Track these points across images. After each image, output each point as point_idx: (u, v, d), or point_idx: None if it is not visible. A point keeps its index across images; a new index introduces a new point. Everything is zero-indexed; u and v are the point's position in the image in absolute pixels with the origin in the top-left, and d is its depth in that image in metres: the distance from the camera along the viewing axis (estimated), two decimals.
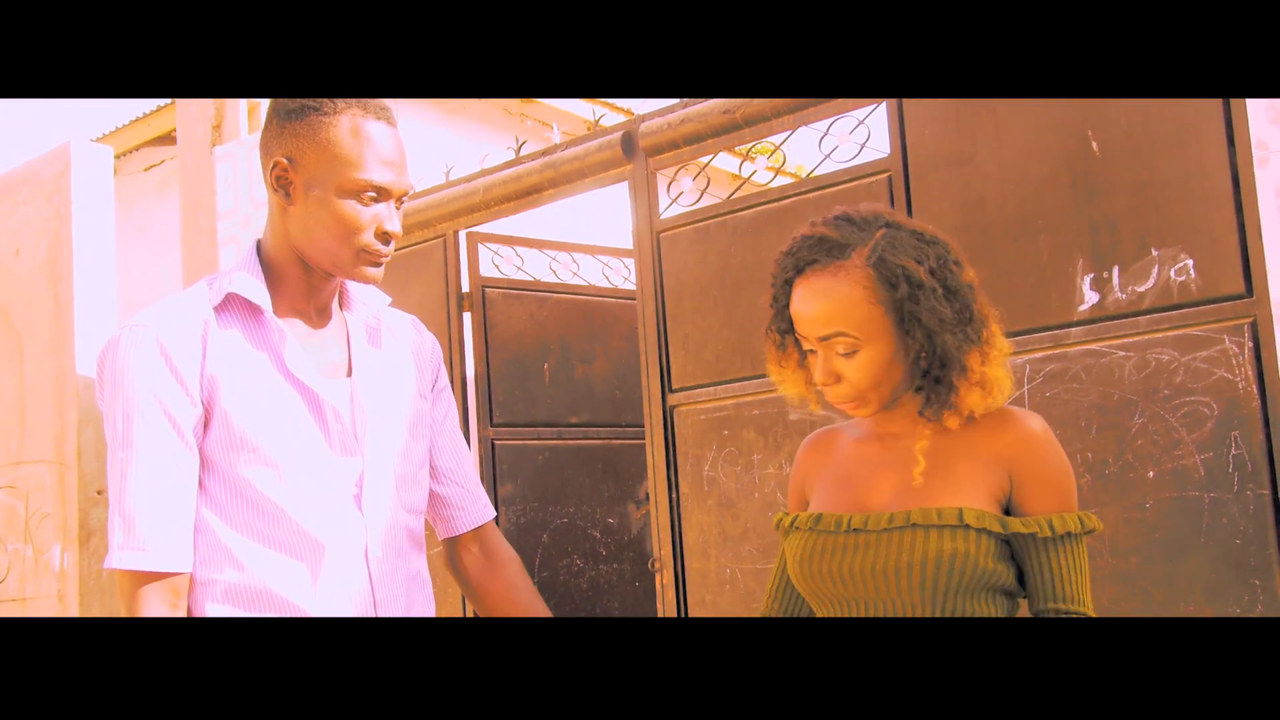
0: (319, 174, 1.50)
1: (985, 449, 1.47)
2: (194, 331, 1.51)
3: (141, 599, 1.46)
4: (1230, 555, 2.37)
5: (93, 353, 4.75)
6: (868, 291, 1.42)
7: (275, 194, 1.54)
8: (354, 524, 1.55)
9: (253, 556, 1.49)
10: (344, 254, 1.53)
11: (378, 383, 1.63)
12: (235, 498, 1.50)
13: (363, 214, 1.51)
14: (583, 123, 6.55)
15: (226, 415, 1.49)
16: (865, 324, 1.42)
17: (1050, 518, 1.42)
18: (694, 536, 3.32)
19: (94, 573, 4.65)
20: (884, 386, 1.46)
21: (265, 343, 1.55)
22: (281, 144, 1.53)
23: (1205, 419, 2.41)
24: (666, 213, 3.50)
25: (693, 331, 3.37)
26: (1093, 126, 2.59)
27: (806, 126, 3.17)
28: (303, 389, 1.54)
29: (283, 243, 1.57)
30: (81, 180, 4.79)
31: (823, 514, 1.54)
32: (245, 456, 1.50)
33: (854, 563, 1.46)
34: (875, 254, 1.43)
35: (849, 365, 1.44)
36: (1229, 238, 2.40)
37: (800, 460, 1.68)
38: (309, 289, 1.60)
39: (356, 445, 1.57)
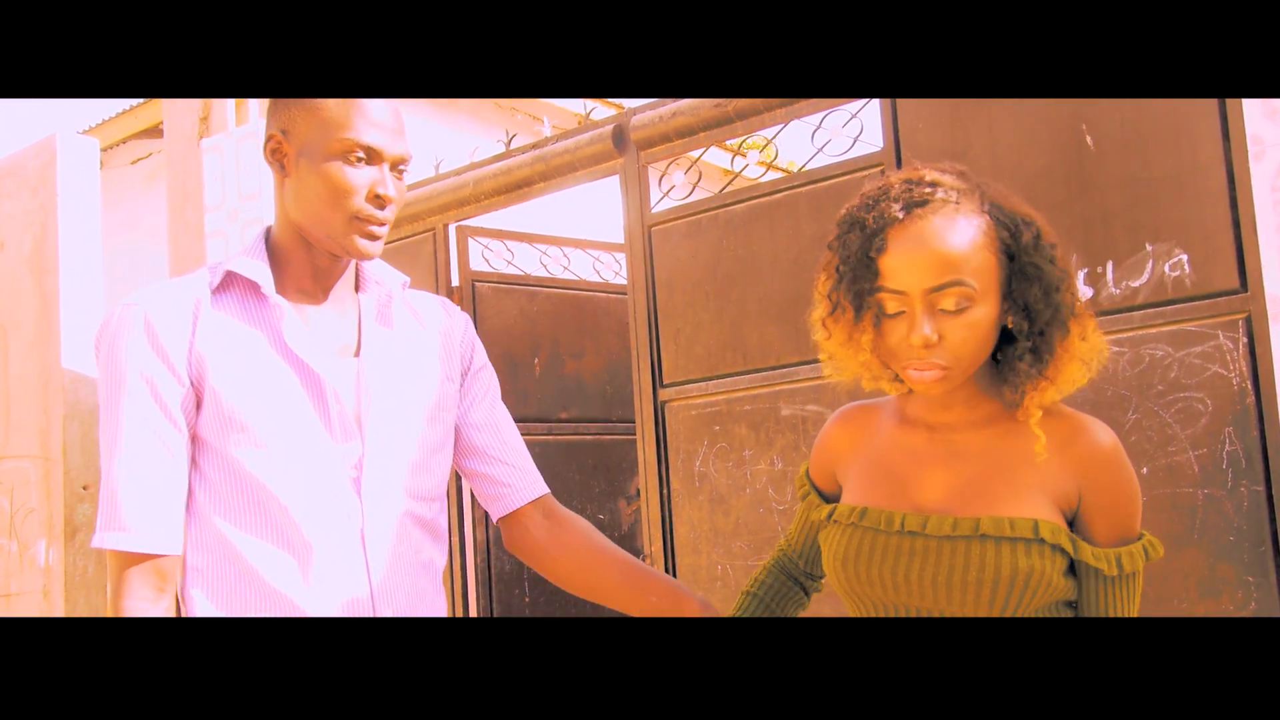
0: (309, 140, 1.47)
1: (1055, 456, 1.33)
2: (184, 309, 1.48)
3: (125, 581, 1.43)
4: (1224, 551, 2.36)
5: (79, 347, 4.72)
6: (988, 239, 1.27)
7: (273, 169, 1.52)
8: (350, 509, 1.50)
9: (242, 541, 1.46)
10: (336, 221, 1.48)
11: (388, 363, 1.58)
12: (227, 479, 1.47)
13: (352, 176, 1.46)
14: (573, 116, 6.53)
15: (216, 394, 1.45)
16: (984, 274, 1.27)
17: (1119, 553, 1.31)
18: (685, 532, 3.31)
19: (79, 568, 4.62)
20: (977, 360, 1.30)
21: (263, 321, 1.51)
22: (277, 118, 1.51)
23: (1199, 415, 2.40)
24: (658, 206, 3.48)
25: (684, 326, 3.35)
26: (1087, 121, 2.58)
27: (799, 120, 3.15)
28: (301, 368, 1.50)
29: (285, 222, 1.54)
30: (67, 173, 4.75)
31: (868, 509, 1.40)
32: (236, 437, 1.46)
33: (910, 570, 1.34)
34: (987, 199, 1.30)
35: (955, 324, 1.27)
36: (1223, 233, 2.38)
37: (832, 434, 1.53)
38: (314, 269, 1.55)
39: (357, 428, 1.52)
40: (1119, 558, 1.31)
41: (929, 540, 1.34)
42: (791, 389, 3.09)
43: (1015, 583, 1.29)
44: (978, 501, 1.34)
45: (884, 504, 1.40)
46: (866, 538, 1.39)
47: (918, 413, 1.44)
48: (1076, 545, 1.32)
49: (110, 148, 7.16)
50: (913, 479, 1.40)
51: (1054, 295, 1.30)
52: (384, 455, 1.54)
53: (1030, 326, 1.31)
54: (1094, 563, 1.31)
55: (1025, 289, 1.29)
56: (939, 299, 1.27)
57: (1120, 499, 1.33)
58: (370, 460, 1.52)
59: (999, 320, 1.31)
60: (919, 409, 1.44)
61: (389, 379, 1.57)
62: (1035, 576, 1.29)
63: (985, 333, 1.29)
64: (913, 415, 1.44)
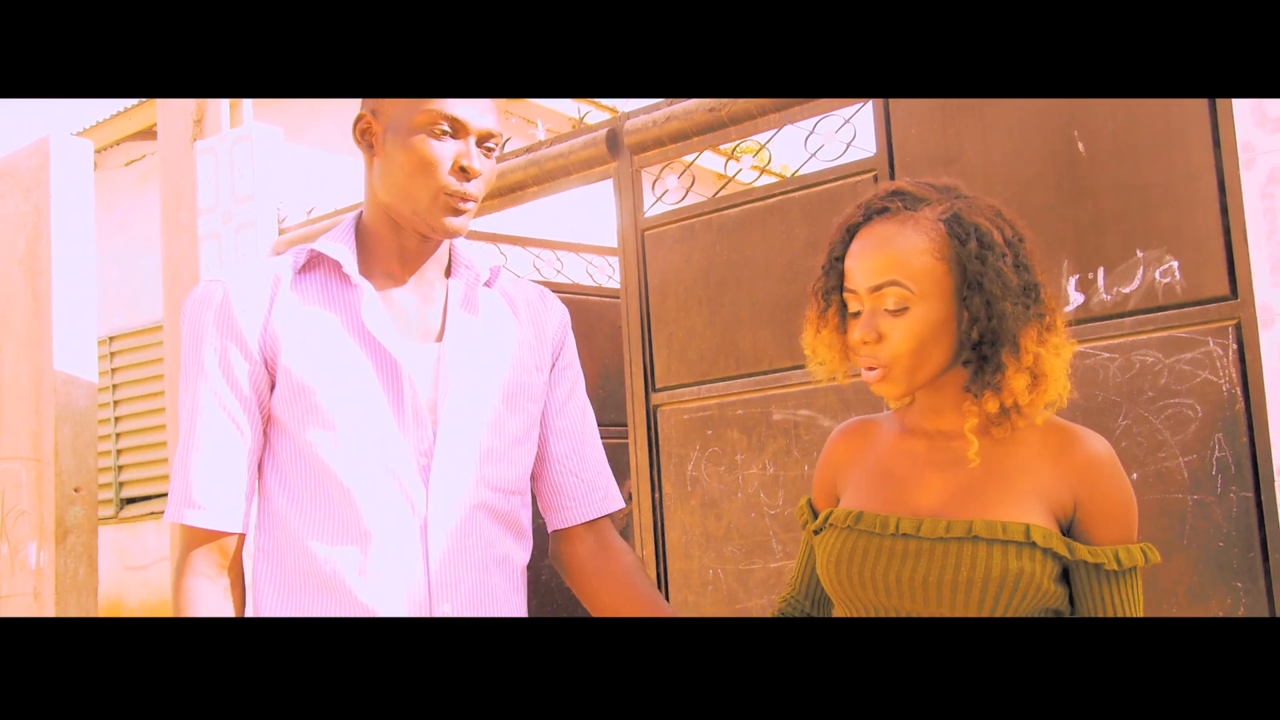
0: (395, 116, 1.47)
1: (1049, 466, 1.36)
2: (263, 287, 1.47)
3: (189, 558, 1.44)
4: (1214, 558, 2.36)
5: (71, 349, 4.71)
6: (934, 245, 1.33)
7: (362, 150, 1.52)
8: (415, 498, 1.46)
9: (304, 525, 1.44)
10: (422, 196, 1.46)
11: (471, 350, 1.54)
12: (296, 461, 1.46)
13: (437, 149, 1.45)
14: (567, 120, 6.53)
15: (288, 373, 1.44)
16: (923, 277, 1.32)
17: (1116, 550, 1.33)
18: (676, 536, 3.31)
19: (70, 570, 4.61)
20: (923, 362, 1.35)
21: (343, 303, 1.49)
22: (366, 100, 1.52)
23: (1189, 421, 2.41)
24: (651, 211, 3.48)
25: (677, 331, 3.35)
26: (1079, 127, 2.59)
27: (792, 125, 3.16)
28: (377, 351, 1.47)
29: (374, 204, 1.53)
30: (61, 175, 4.75)
31: (863, 512, 1.42)
32: (306, 417, 1.44)
33: (902, 572, 1.35)
34: (950, 210, 1.35)
35: (895, 324, 1.34)
36: (1214, 240, 2.39)
37: (831, 450, 1.56)
38: (402, 251, 1.53)
39: (431, 415, 1.48)
40: (1116, 553, 1.33)
41: (922, 542, 1.35)
42: (784, 393, 3.09)
43: (1005, 584, 1.30)
44: (972, 506, 1.36)
45: (880, 508, 1.42)
46: (861, 540, 1.40)
47: (915, 421, 1.47)
48: (1072, 548, 1.34)
49: (104, 149, 7.15)
50: (909, 484, 1.42)
51: (996, 305, 1.32)
52: (458, 444, 1.49)
53: (979, 335, 1.34)
54: (1092, 559, 1.32)
55: (971, 297, 1.33)
56: (880, 298, 1.34)
57: (1116, 507, 1.35)
58: (442, 448, 1.48)
59: (954, 325, 1.35)
60: (916, 417, 1.47)
61: (470, 366, 1.53)
62: (1025, 579, 1.31)
63: (928, 335, 1.34)
64: (911, 424, 1.47)
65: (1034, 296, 1.35)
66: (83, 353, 4.77)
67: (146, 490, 7.21)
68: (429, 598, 1.45)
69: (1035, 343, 1.34)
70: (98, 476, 4.93)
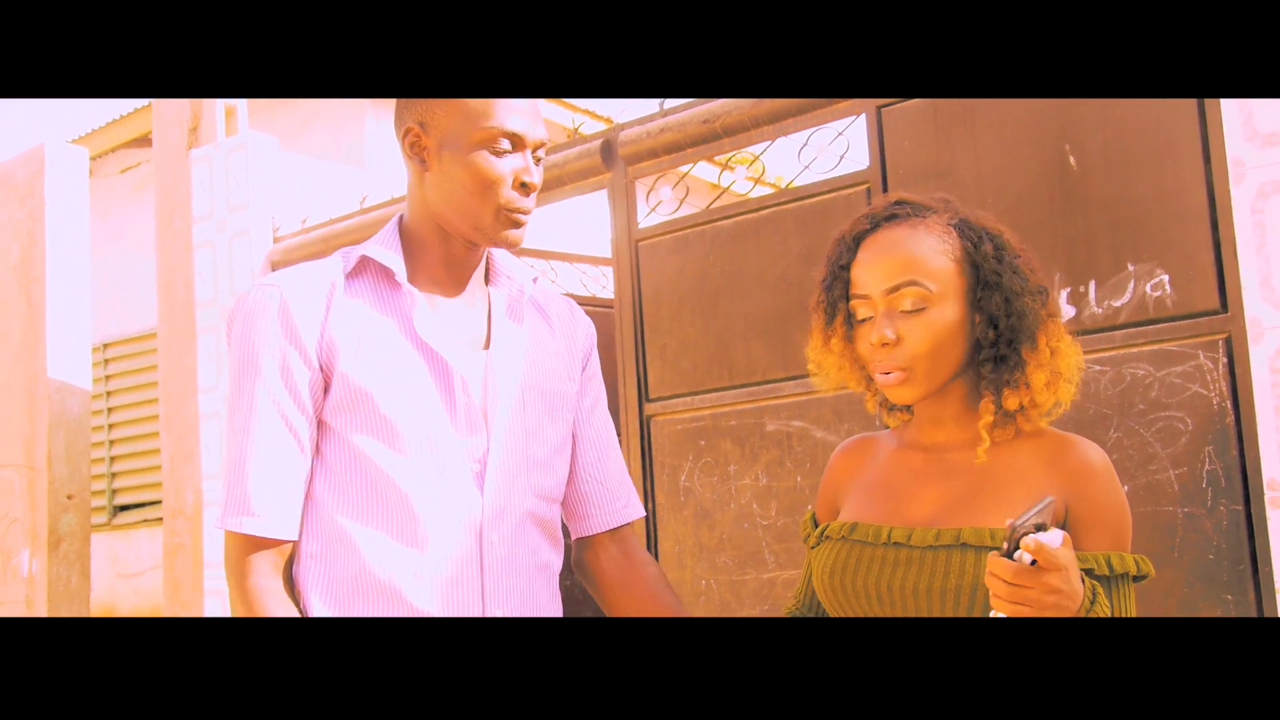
0: (450, 131, 1.46)
1: (1043, 472, 1.37)
2: (319, 292, 1.46)
3: (250, 564, 1.42)
4: (1203, 570, 2.37)
5: (65, 356, 4.71)
6: (948, 247, 1.36)
7: (411, 163, 1.51)
8: (470, 503, 1.46)
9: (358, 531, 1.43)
10: (484, 213, 1.47)
11: (517, 358, 1.56)
12: (349, 467, 1.45)
13: (498, 165, 1.46)
14: (562, 130, 6.54)
15: (345, 378, 1.44)
16: (942, 278, 1.35)
17: (1109, 556, 1.33)
18: (670, 547, 3.31)
19: (63, 578, 4.60)
20: (941, 363, 1.36)
21: (395, 309, 1.49)
22: (412, 111, 1.50)
23: (1180, 434, 2.42)
24: (645, 221, 3.49)
25: (670, 341, 3.36)
26: (1070, 141, 2.60)
27: (785, 137, 3.17)
28: (431, 357, 1.48)
29: (422, 212, 1.52)
30: (56, 182, 4.75)
31: (858, 523, 1.44)
32: (361, 423, 1.44)
33: (893, 580, 1.36)
34: (958, 216, 1.39)
35: (912, 325, 1.34)
36: (1204, 254, 2.41)
37: (832, 467, 1.58)
38: (448, 259, 1.54)
39: (483, 420, 1.49)
40: (1109, 559, 1.33)
41: (912, 550, 1.36)
42: (777, 404, 3.10)
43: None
44: (963, 514, 1.37)
45: (875, 520, 1.43)
46: (854, 550, 1.42)
47: (914, 436, 1.48)
48: None
49: (99, 156, 7.16)
50: (905, 496, 1.44)
51: (1016, 302, 1.35)
52: (509, 450, 1.51)
53: (995, 335, 1.36)
54: (1083, 565, 1.32)
55: (988, 297, 1.35)
56: (897, 300, 1.35)
57: (1109, 515, 1.36)
58: (495, 454, 1.49)
59: (966, 328, 1.37)
60: (915, 432, 1.48)
61: (517, 374, 1.54)
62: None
63: (946, 336, 1.35)
64: (910, 439, 1.49)
65: (1044, 297, 1.39)
66: (76, 360, 4.77)
67: (140, 498, 7.20)
68: (482, 603, 1.46)
69: (1054, 339, 1.37)
70: (91, 484, 4.92)
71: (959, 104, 2.78)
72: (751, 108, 3.14)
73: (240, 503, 1.42)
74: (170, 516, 4.61)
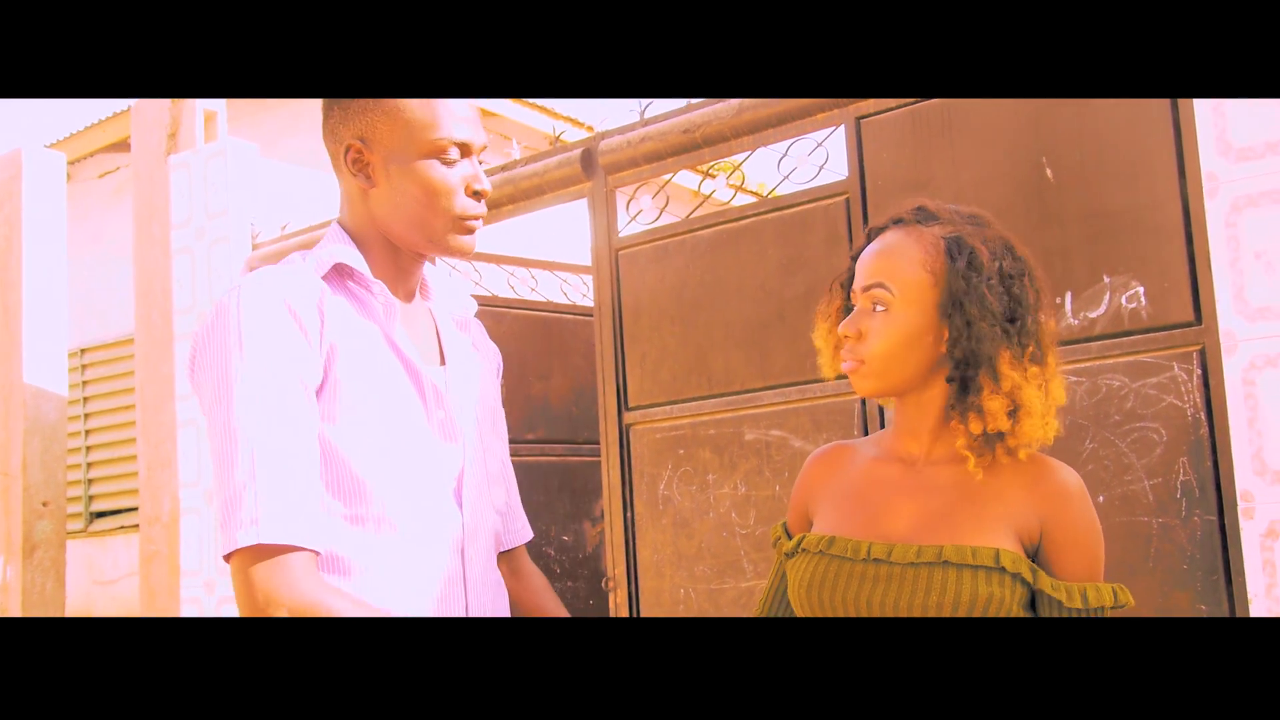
0: (396, 145, 1.43)
1: (1019, 495, 1.39)
2: (313, 296, 1.40)
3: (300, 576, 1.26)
4: (1178, 580, 2.39)
5: (41, 362, 4.67)
6: (927, 257, 1.39)
7: (355, 179, 1.46)
8: (453, 519, 1.44)
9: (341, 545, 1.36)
10: (437, 224, 1.44)
11: (470, 374, 1.55)
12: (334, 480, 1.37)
13: (451, 176, 1.43)
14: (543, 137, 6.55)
15: (339, 386, 1.37)
16: (908, 285, 1.39)
17: (1085, 588, 1.35)
18: (648, 555, 3.32)
19: (38, 586, 4.57)
20: (896, 365, 1.39)
21: (372, 316, 1.45)
22: (349, 126, 1.45)
23: (1155, 445, 2.44)
24: (625, 230, 3.50)
25: (650, 350, 3.37)
26: (1047, 154, 2.62)
27: (765, 148, 3.18)
28: (410, 367, 1.44)
29: (367, 226, 1.48)
30: (33, 187, 4.73)
31: (835, 538, 1.44)
32: (350, 433, 1.37)
33: (874, 596, 1.37)
34: (955, 231, 1.41)
35: (874, 323, 1.40)
36: (1179, 267, 2.43)
37: (806, 474, 1.58)
38: (398, 271, 1.50)
39: (457, 433, 1.46)
40: (1084, 592, 1.34)
41: (893, 567, 1.37)
42: (756, 414, 3.11)
43: (974, 609, 1.32)
44: (943, 531, 1.38)
45: (852, 533, 1.44)
46: (833, 565, 1.42)
47: (891, 446, 1.49)
48: (1036, 574, 1.35)
49: (78, 161, 7.12)
50: (882, 510, 1.44)
51: (975, 326, 1.36)
52: (477, 466, 1.49)
53: (960, 354, 1.38)
54: (1051, 592, 1.34)
55: (954, 315, 1.38)
56: (868, 299, 1.41)
57: (1082, 537, 1.37)
58: (468, 470, 1.47)
59: (931, 338, 1.39)
60: (892, 442, 1.49)
61: (471, 390, 1.54)
62: (995, 603, 1.32)
63: (901, 340, 1.39)
64: (887, 449, 1.50)
65: (1020, 327, 1.38)
66: (53, 366, 4.74)
67: (117, 504, 7.15)
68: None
69: (1011, 368, 1.36)
70: (67, 490, 4.89)
71: (937, 116, 2.80)
72: (732, 117, 3.15)
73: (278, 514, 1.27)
74: (147, 524, 4.58)
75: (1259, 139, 2.31)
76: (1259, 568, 2.29)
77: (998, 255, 1.40)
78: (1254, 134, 2.32)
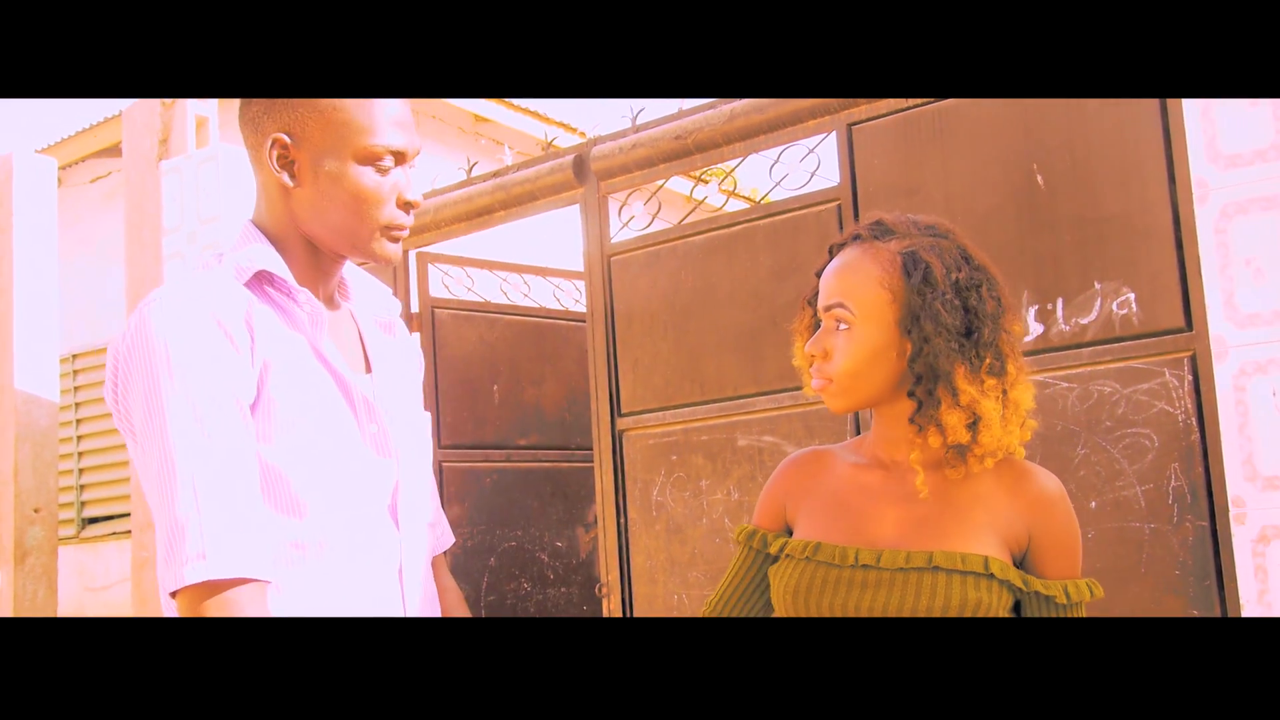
0: (326, 146, 1.34)
1: (1004, 501, 1.41)
2: (241, 309, 1.30)
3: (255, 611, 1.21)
4: (1170, 586, 2.40)
5: (32, 367, 4.66)
6: (884, 274, 1.40)
7: (277, 175, 1.36)
8: (390, 539, 1.37)
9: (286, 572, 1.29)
10: (363, 231, 1.36)
11: (395, 381, 1.46)
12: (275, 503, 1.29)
13: (384, 185, 1.35)
14: (536, 143, 6.55)
15: (273, 404, 1.29)
16: (867, 304, 1.39)
17: (1066, 584, 1.38)
18: (641, 561, 3.32)
19: (29, 592, 4.55)
20: (861, 383, 1.41)
21: (298, 326, 1.35)
22: (275, 119, 1.35)
23: (1146, 451, 2.44)
24: (618, 236, 3.50)
25: (642, 356, 3.37)
26: (1038, 161, 2.63)
27: (757, 154, 3.19)
28: (340, 381, 1.36)
29: (287, 226, 1.39)
30: (24, 192, 4.72)
31: (821, 543, 1.43)
32: (287, 453, 1.29)
33: (862, 602, 1.37)
34: (910, 246, 1.41)
35: (838, 342, 1.41)
36: (1169, 273, 2.44)
37: (782, 476, 1.57)
38: (318, 274, 1.41)
39: (391, 447, 1.39)
40: (1066, 588, 1.38)
41: (882, 573, 1.37)
42: (748, 420, 3.11)
43: (964, 614, 1.33)
44: (930, 537, 1.39)
45: (838, 540, 1.43)
46: (819, 571, 1.41)
47: (871, 452, 1.49)
48: (1026, 580, 1.37)
49: (69, 166, 7.10)
50: (867, 516, 1.44)
51: (931, 341, 1.37)
52: (412, 478, 1.42)
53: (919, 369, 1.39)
54: (1046, 591, 1.37)
55: (911, 330, 1.39)
56: (831, 317, 1.42)
57: (1067, 540, 1.40)
58: (404, 484, 1.40)
59: (894, 353, 1.40)
60: (871, 448, 1.49)
61: (399, 397, 1.45)
62: (983, 609, 1.34)
63: (864, 358, 1.40)
64: (868, 455, 1.50)
65: (976, 339, 1.39)
66: (44, 372, 4.72)
67: (109, 510, 7.13)
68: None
69: (968, 382, 1.37)
70: (58, 496, 4.88)
71: (929, 123, 2.80)
72: (724, 123, 3.16)
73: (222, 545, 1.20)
74: (139, 530, 4.57)
75: (1248, 146, 2.32)
76: (1250, 573, 2.29)
77: (952, 268, 1.40)
78: (1244, 141, 2.32)
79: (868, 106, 2.92)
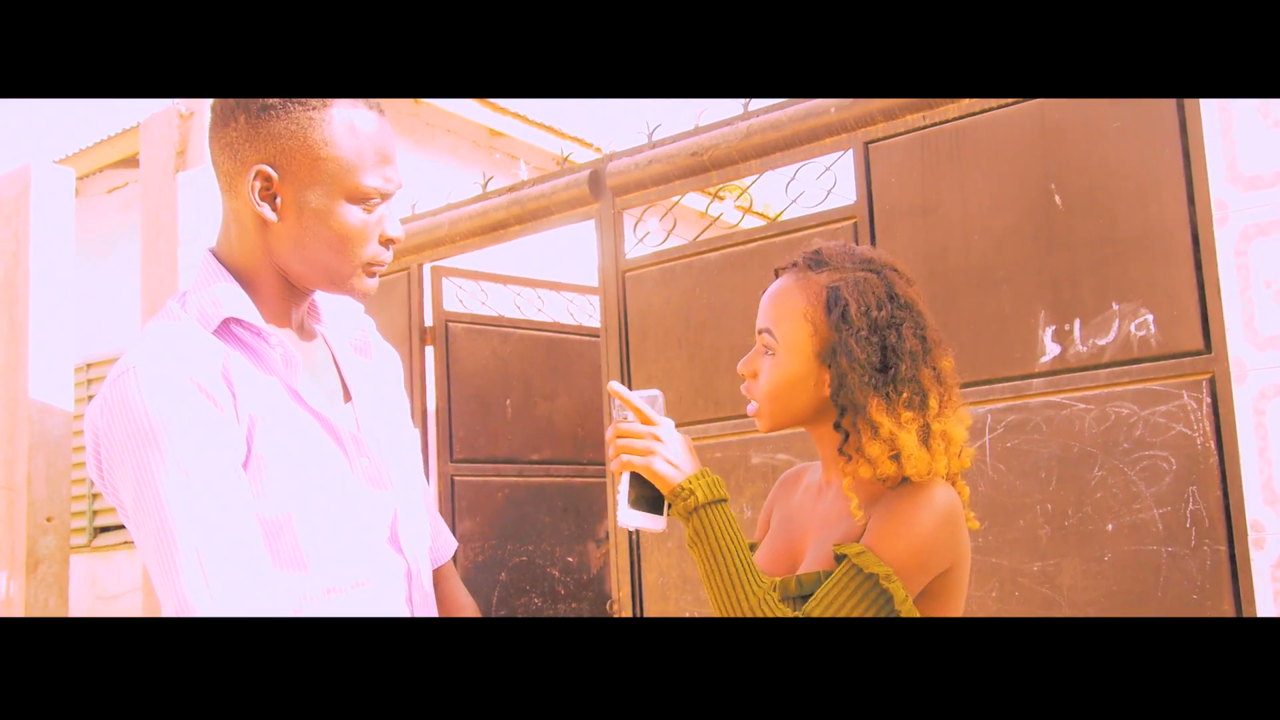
0: (314, 183, 1.29)
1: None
2: (216, 365, 1.26)
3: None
4: (1187, 609, 2.37)
5: (47, 377, 4.68)
6: (809, 306, 1.45)
7: (256, 209, 1.31)
8: (396, 570, 1.36)
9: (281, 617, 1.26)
10: (346, 269, 1.33)
11: (376, 406, 1.43)
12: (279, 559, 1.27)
13: (368, 223, 1.32)
14: (551, 158, 6.56)
15: (263, 461, 1.26)
16: (789, 333, 1.46)
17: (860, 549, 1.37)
18: (653, 578, 3.30)
19: (41, 601, 4.56)
20: (782, 407, 1.47)
21: (270, 369, 1.32)
22: (258, 148, 1.30)
23: (1164, 473, 2.42)
24: (633, 252, 3.49)
25: (656, 372, 3.36)
26: (1056, 180, 2.62)
27: (773, 171, 3.18)
28: (324, 421, 1.33)
29: (260, 258, 1.35)
30: (42, 202, 4.74)
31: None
32: (284, 508, 1.27)
33: None
34: (836, 281, 1.46)
35: (765, 364, 1.48)
36: (1188, 294, 2.42)
37: (772, 494, 1.68)
38: (289, 305, 1.38)
39: (384, 478, 1.37)
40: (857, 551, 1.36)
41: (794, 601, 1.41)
42: (762, 438, 3.10)
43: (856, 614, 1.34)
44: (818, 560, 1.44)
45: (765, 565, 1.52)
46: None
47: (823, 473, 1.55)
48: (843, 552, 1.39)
49: (86, 176, 7.14)
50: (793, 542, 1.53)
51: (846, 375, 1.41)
52: (409, 506, 1.40)
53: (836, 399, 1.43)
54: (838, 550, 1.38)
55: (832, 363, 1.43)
56: (759, 340, 1.49)
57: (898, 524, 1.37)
58: (402, 513, 1.38)
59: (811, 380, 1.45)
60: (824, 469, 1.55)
61: (383, 423, 1.42)
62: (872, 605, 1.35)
63: (784, 385, 1.46)
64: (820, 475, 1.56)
65: (892, 376, 1.42)
66: (59, 382, 4.74)
67: (120, 519, 7.15)
68: None
69: (884, 415, 1.41)
70: (71, 505, 4.89)
71: (946, 141, 2.79)
72: (740, 140, 3.15)
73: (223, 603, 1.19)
74: None
75: (1269, 168, 2.30)
76: (1270, 598, 2.27)
77: (872, 305, 1.44)
78: (1264, 163, 2.31)
79: (885, 124, 2.91)
